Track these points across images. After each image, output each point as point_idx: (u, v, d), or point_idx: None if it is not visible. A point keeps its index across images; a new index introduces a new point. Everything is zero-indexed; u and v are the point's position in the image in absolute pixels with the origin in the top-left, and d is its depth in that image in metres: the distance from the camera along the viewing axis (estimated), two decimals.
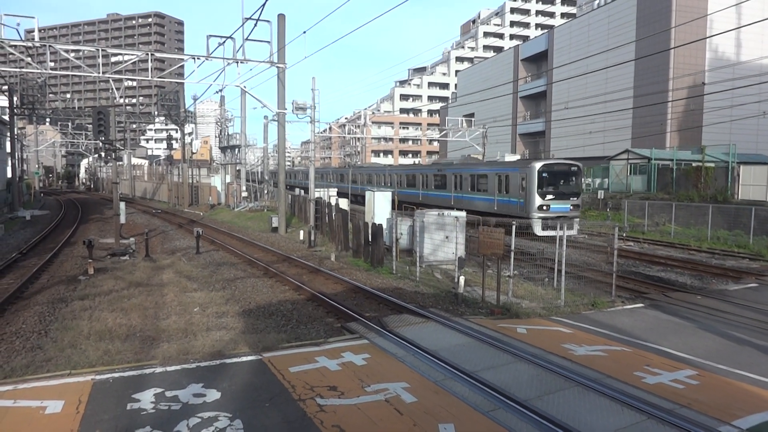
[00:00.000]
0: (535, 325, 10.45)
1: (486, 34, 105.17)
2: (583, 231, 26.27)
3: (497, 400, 6.58)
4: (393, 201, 23.47)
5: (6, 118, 41.90)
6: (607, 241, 14.31)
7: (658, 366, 8.01)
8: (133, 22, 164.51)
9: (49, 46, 22.68)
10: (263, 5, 20.03)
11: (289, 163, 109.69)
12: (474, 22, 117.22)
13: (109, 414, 6.14)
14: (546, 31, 60.02)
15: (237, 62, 24.64)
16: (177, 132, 51.24)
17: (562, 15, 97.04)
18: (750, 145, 39.10)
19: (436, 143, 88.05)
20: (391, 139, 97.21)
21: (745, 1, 34.30)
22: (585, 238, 24.94)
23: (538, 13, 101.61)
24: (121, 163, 65.87)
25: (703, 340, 9.49)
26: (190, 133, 56.20)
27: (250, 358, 8.14)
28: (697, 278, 16.42)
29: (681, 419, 6.07)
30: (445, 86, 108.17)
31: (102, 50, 23.70)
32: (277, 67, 26.68)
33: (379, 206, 21.67)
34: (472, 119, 59.33)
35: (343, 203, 28.78)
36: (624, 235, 25.01)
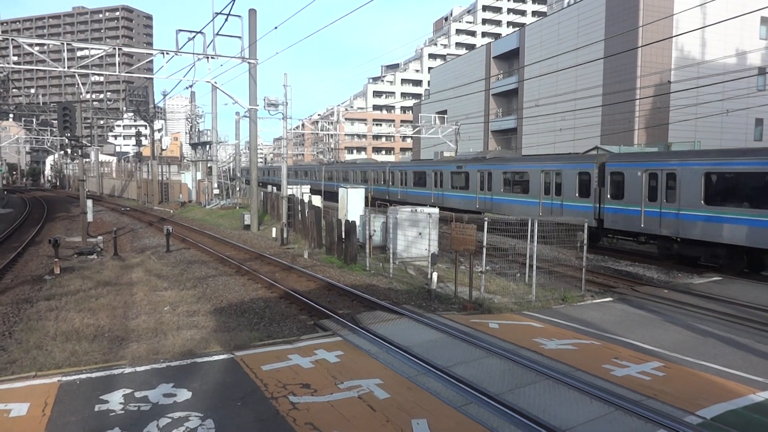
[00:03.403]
0: (507, 320, 10.57)
1: (458, 32, 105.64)
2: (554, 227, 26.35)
3: (470, 394, 6.64)
4: (366, 198, 23.45)
5: None
6: (577, 237, 14.52)
7: (626, 358, 8.17)
8: (100, 15, 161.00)
9: (12, 39, 22.04)
10: (234, 0, 19.82)
11: (261, 160, 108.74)
12: (446, 19, 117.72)
13: (76, 416, 6.01)
14: (517, 29, 60.60)
15: (207, 58, 24.32)
16: (146, 128, 50.34)
17: (533, 13, 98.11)
18: (714, 142, 40.11)
19: (409, 140, 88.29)
20: (365, 136, 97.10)
21: (710, 2, 35.14)
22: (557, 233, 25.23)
23: (509, 11, 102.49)
24: (88, 160, 64.44)
25: (669, 333, 9.71)
26: (159, 130, 55.22)
27: (221, 356, 8.06)
28: (663, 272, 16.78)
29: (648, 410, 6.21)
30: (418, 83, 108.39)
31: (67, 44, 23.13)
32: (249, 62, 26.41)
33: (353, 203, 21.64)
34: (445, 116, 59.64)
35: (316, 200, 28.68)
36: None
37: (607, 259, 19.22)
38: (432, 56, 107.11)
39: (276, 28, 21.88)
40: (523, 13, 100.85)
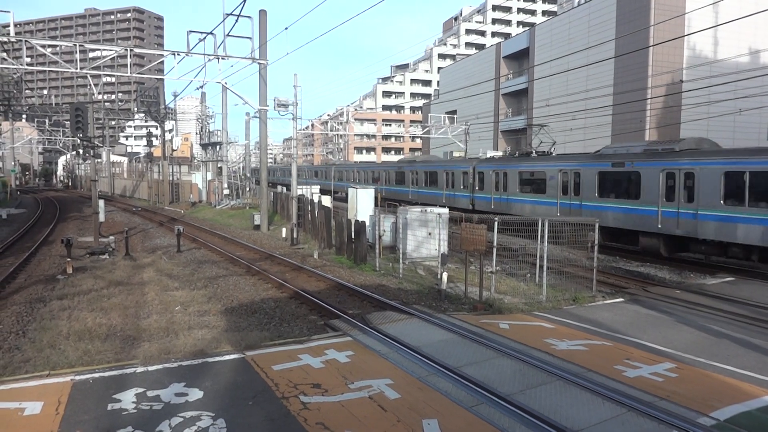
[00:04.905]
0: (518, 320, 10.53)
1: (468, 32, 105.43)
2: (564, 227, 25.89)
3: (480, 395, 6.62)
4: (376, 198, 23.46)
5: None
6: (587, 237, 14.44)
7: (638, 359, 8.12)
8: (112, 17, 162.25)
9: (25, 41, 22.26)
10: (244, 1, 19.90)
11: (271, 161, 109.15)
12: (456, 19, 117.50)
13: (89, 415, 6.06)
14: (527, 28, 60.38)
15: (218, 58, 24.43)
16: (157, 129, 50.68)
17: (543, 13, 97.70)
18: (727, 142, 39.74)
19: (418, 140, 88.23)
20: (374, 136, 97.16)
21: (722, 0, 34.83)
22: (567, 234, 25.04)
23: (519, 10, 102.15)
24: (99, 160, 64.91)
25: (682, 334, 9.64)
26: (170, 130, 55.59)
27: (232, 356, 8.09)
28: (675, 273, 16.66)
29: (660, 411, 6.17)
30: (427, 83, 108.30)
31: (79, 45, 23.33)
32: (259, 63, 26.50)
33: (362, 203, 21.65)
34: (455, 116, 59.53)
35: (326, 200, 28.71)
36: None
37: (618, 260, 19.10)
38: (441, 56, 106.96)
39: (286, 29, 22.00)
40: (533, 12, 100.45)
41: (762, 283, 14.56)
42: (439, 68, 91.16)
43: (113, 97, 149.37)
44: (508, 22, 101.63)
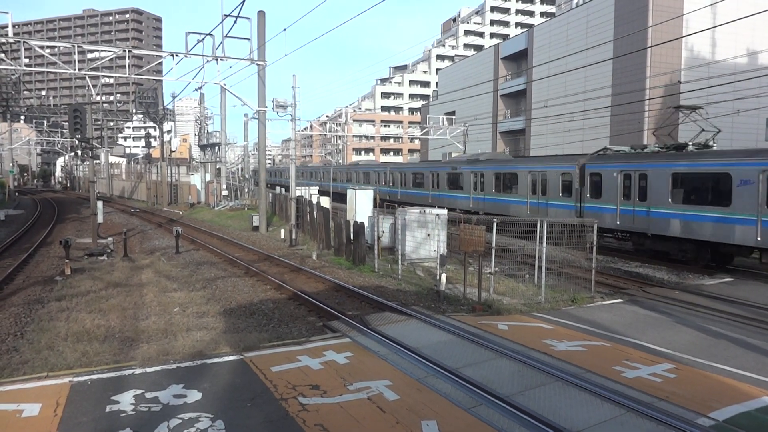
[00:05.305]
0: (516, 321, 10.53)
1: (466, 33, 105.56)
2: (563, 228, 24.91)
3: (479, 396, 6.62)
4: (374, 199, 23.43)
5: None
6: (586, 238, 14.44)
7: (637, 360, 8.12)
8: (110, 18, 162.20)
9: (24, 42, 22.21)
10: (243, 2, 19.90)
11: (269, 162, 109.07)
12: (455, 20, 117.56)
13: (87, 416, 6.05)
14: (526, 29, 60.45)
15: (216, 59, 24.39)
16: (155, 130, 50.63)
17: (542, 14, 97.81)
18: (725, 143, 39.79)
19: (417, 141, 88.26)
20: (373, 137, 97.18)
21: (720, 1, 34.91)
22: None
23: (517, 12, 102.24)
24: (98, 161, 64.91)
25: (681, 334, 9.64)
26: (168, 131, 55.55)
27: (231, 358, 8.08)
28: (674, 273, 16.66)
29: (659, 412, 6.17)
30: (426, 84, 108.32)
31: (78, 46, 23.29)
32: (257, 64, 26.49)
33: (361, 204, 21.64)
34: (453, 117, 59.51)
35: (325, 202, 28.68)
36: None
37: (617, 261, 19.10)
38: (440, 57, 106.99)
39: (285, 30, 21.98)
40: (531, 13, 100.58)
41: (760, 284, 14.58)
42: (437, 69, 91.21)
43: (112, 98, 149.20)
44: (506, 23, 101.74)
